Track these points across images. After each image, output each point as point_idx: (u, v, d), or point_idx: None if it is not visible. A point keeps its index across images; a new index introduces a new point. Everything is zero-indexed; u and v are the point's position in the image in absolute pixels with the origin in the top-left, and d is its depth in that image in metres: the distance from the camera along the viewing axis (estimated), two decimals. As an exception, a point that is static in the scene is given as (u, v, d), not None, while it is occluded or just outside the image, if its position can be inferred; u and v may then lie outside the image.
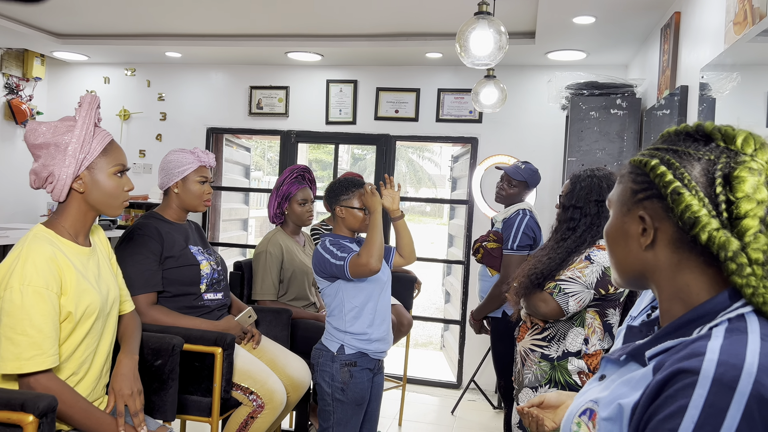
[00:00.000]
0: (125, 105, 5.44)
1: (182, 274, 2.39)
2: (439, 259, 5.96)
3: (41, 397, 1.41)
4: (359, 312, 2.35)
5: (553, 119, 4.61)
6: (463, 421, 4.20)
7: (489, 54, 2.47)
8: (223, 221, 5.59)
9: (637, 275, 0.90)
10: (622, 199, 0.90)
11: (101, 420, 1.63)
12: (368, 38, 4.47)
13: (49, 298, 1.55)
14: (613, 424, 0.79)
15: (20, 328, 1.52)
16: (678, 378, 0.72)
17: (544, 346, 2.14)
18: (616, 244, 0.92)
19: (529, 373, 2.15)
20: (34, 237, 1.62)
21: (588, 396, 0.89)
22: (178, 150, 2.51)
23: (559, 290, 2.05)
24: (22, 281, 1.53)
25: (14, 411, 1.38)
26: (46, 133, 1.63)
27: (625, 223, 0.89)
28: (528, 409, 1.52)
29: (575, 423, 0.87)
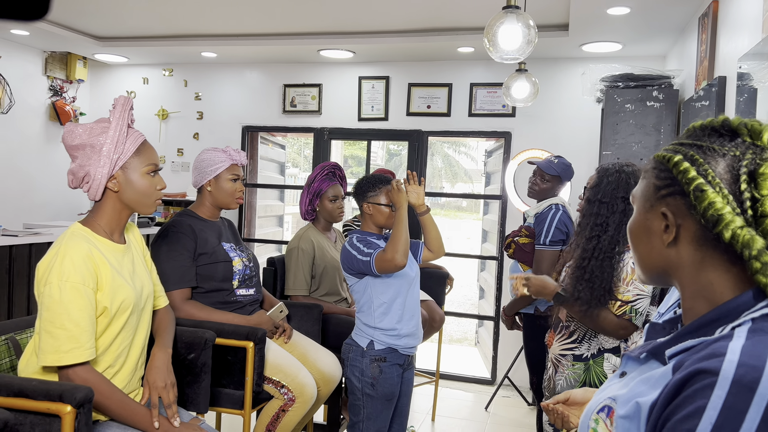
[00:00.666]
0: (163, 105, 5.56)
1: (215, 270, 2.44)
2: (472, 255, 5.94)
3: (78, 388, 1.47)
4: (388, 308, 2.36)
5: (588, 112, 4.54)
6: (496, 417, 4.19)
7: (518, 48, 2.45)
8: (259, 218, 5.68)
9: (660, 272, 0.89)
10: (646, 195, 0.89)
11: (136, 411, 1.69)
12: (400, 34, 4.48)
13: (85, 293, 1.61)
14: (631, 423, 0.79)
15: (59, 322, 1.58)
16: (697, 378, 0.71)
17: (574, 348, 2.12)
18: (639, 240, 0.91)
19: (561, 379, 2.12)
20: (71, 235, 1.68)
21: (607, 393, 0.89)
22: (211, 149, 2.57)
23: (636, 313, 2.01)
24: (60, 277, 1.59)
25: (53, 401, 1.45)
26: (83, 134, 1.69)
27: (647, 220, 0.88)
28: (553, 406, 1.51)
29: (593, 419, 0.87)
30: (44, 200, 5.36)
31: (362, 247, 2.32)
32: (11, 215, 4.96)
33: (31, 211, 5.21)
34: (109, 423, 1.71)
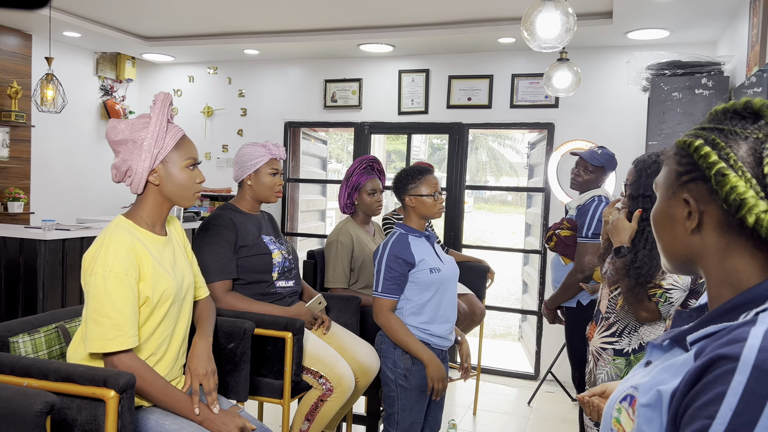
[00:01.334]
0: (208, 102, 5.69)
1: (255, 262, 2.49)
2: (514, 249, 5.87)
3: (121, 374, 1.53)
4: (419, 309, 2.36)
5: (634, 102, 4.43)
6: (539, 413, 4.14)
7: (556, 36, 2.40)
8: (301, 212, 5.75)
9: (685, 260, 0.87)
10: (668, 182, 0.87)
11: (177, 397, 1.74)
12: (439, 26, 4.45)
13: (128, 283, 1.67)
14: (653, 411, 0.77)
15: (104, 310, 1.64)
16: (717, 364, 0.70)
17: (614, 342, 2.07)
18: (663, 228, 0.89)
19: (602, 373, 2.09)
20: (114, 227, 1.74)
21: (630, 382, 0.87)
22: (251, 144, 2.61)
23: (665, 299, 1.98)
24: (104, 268, 1.66)
25: (98, 386, 1.50)
26: (125, 130, 1.75)
27: (670, 207, 0.87)
28: (589, 398, 1.49)
29: (616, 409, 0.86)
30: (96, 196, 5.56)
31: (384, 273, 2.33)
32: (66, 211, 5.17)
33: (84, 206, 5.42)
34: (152, 408, 1.77)
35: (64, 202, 5.25)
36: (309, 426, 2.41)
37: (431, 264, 2.36)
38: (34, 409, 1.33)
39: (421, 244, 2.41)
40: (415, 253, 2.35)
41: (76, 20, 4.57)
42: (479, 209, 24.43)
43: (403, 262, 2.32)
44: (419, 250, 2.37)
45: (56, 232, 3.48)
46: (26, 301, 3.48)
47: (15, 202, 4.70)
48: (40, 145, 5.03)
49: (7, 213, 4.68)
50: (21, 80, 4.81)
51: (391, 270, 2.31)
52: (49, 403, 1.36)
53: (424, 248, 2.40)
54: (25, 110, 4.81)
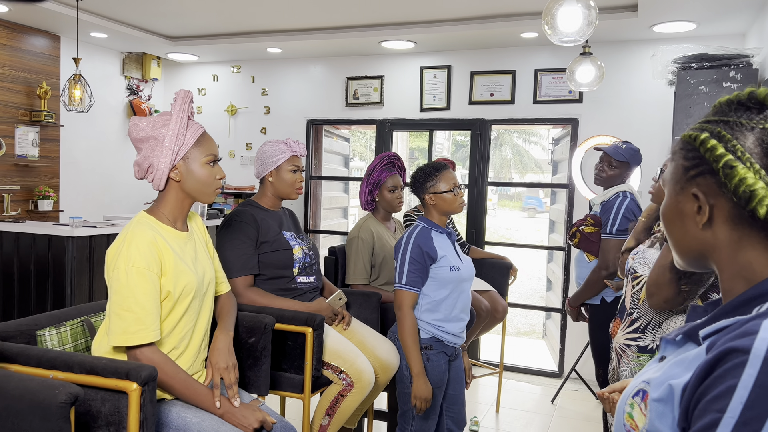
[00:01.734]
0: (232, 101, 5.75)
1: (276, 258, 2.51)
2: (538, 246, 5.82)
3: (143, 367, 1.55)
4: (435, 306, 2.36)
5: (659, 96, 4.36)
6: (563, 411, 4.10)
7: (578, 30, 2.38)
8: (324, 210, 5.78)
9: (697, 255, 0.86)
10: (675, 177, 0.86)
11: (199, 390, 1.76)
12: (461, 22, 4.43)
13: (150, 278, 1.70)
14: (665, 405, 0.76)
15: (126, 305, 1.67)
16: (728, 357, 0.69)
17: (638, 338, 2.04)
18: (673, 224, 0.88)
19: (626, 370, 2.06)
20: (137, 223, 1.77)
21: (643, 377, 0.86)
22: (272, 141, 2.63)
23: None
24: (127, 263, 1.69)
25: (120, 379, 1.53)
26: (146, 127, 1.78)
27: (679, 203, 0.86)
28: (609, 395, 1.48)
29: (628, 404, 0.85)
30: (123, 194, 5.66)
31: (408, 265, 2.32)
32: (93, 208, 5.27)
33: (111, 204, 5.52)
34: (174, 401, 1.79)
35: (92, 199, 5.35)
36: (329, 421, 2.42)
37: (452, 262, 2.36)
38: (58, 400, 1.36)
39: (443, 241, 2.40)
40: (437, 247, 2.34)
41: (103, 21, 4.65)
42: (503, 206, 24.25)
43: (426, 254, 2.32)
44: (441, 245, 2.37)
45: (83, 229, 3.56)
46: (55, 296, 3.56)
47: (45, 200, 4.81)
48: (68, 144, 5.13)
49: (37, 211, 4.79)
50: (50, 81, 4.91)
51: (415, 262, 2.31)
52: (73, 395, 1.39)
53: (445, 245, 2.40)
54: (54, 110, 4.91)
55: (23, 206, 4.77)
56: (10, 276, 3.71)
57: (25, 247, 3.64)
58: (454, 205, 2.41)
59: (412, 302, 2.32)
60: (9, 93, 4.65)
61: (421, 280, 2.33)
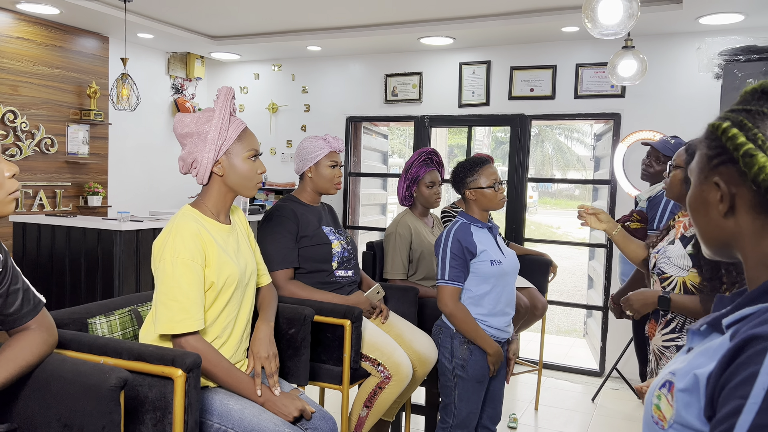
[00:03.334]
0: (273, 99, 5.84)
1: (315, 252, 2.56)
2: (578, 243, 5.74)
3: (188, 354, 1.61)
4: (478, 300, 2.36)
5: (706, 90, 4.24)
6: (604, 410, 4.05)
7: (619, 23, 2.35)
8: (362, 206, 5.82)
9: (722, 244, 0.87)
10: (700, 166, 0.87)
11: (241, 379, 1.82)
12: (501, 17, 4.41)
13: (194, 269, 1.76)
14: (690, 396, 0.77)
15: (172, 294, 1.74)
16: (751, 344, 0.69)
17: (676, 338, 2.00)
18: (698, 213, 0.89)
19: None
20: (182, 216, 1.84)
21: (670, 368, 0.87)
22: (311, 137, 2.68)
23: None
24: (173, 254, 1.75)
25: (166, 365, 1.59)
26: (190, 123, 1.84)
27: (703, 191, 0.86)
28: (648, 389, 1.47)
29: (656, 396, 0.85)
30: (168, 190, 5.82)
31: (449, 261, 2.33)
32: (140, 203, 5.44)
33: (156, 199, 5.68)
34: (217, 389, 1.85)
35: (139, 195, 5.52)
36: (368, 413, 2.46)
37: (492, 256, 2.35)
38: (109, 384, 1.43)
39: (484, 235, 2.40)
40: (477, 242, 2.35)
41: (149, 22, 4.79)
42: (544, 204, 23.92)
43: (465, 249, 2.33)
44: (481, 240, 2.37)
45: (130, 224, 3.68)
46: (104, 286, 3.70)
47: (94, 196, 4.98)
48: (116, 142, 5.31)
49: (87, 206, 4.97)
50: (99, 81, 5.09)
51: (456, 257, 2.33)
52: (123, 379, 1.45)
53: (486, 239, 2.40)
54: (103, 109, 5.08)
55: (74, 202, 4.96)
56: (62, 267, 3.87)
57: (76, 241, 3.79)
58: (494, 200, 2.40)
59: (456, 296, 2.33)
60: (61, 93, 4.83)
61: (463, 275, 2.34)
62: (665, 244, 2.09)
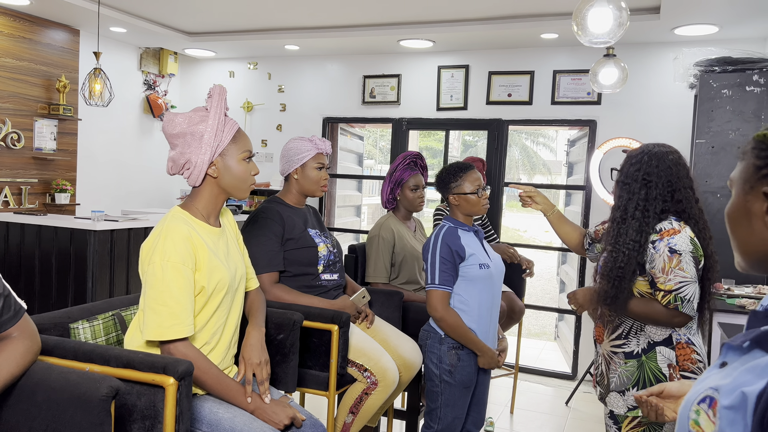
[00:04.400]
0: (248, 97, 5.75)
1: (301, 255, 2.51)
2: (554, 247, 5.81)
3: (180, 362, 1.56)
4: (466, 304, 2.35)
5: (680, 99, 4.34)
6: (577, 413, 4.10)
7: (608, 31, 2.37)
8: (338, 207, 5.78)
9: (762, 257, 0.86)
10: (745, 176, 0.86)
11: (231, 386, 1.77)
12: (481, 22, 4.42)
13: (185, 273, 1.70)
14: (736, 413, 0.76)
15: (161, 299, 1.68)
16: None
17: (623, 345, 2.00)
18: (739, 224, 0.87)
19: (614, 376, 2.03)
20: (172, 217, 1.78)
21: (708, 383, 0.86)
22: (298, 138, 2.64)
23: (682, 301, 1.91)
24: (162, 257, 1.69)
25: (157, 373, 1.54)
26: (182, 123, 1.78)
27: (748, 202, 0.85)
28: (647, 398, 1.47)
29: (694, 411, 0.84)
30: (139, 188, 5.68)
31: (438, 266, 2.32)
32: (110, 202, 5.29)
33: (127, 198, 5.54)
34: (206, 397, 1.80)
35: (108, 194, 5.37)
36: (353, 419, 2.43)
37: (481, 260, 2.35)
38: (100, 393, 1.37)
39: (471, 239, 2.40)
40: (465, 246, 2.34)
41: (122, 16, 4.66)
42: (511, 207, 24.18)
43: (455, 253, 2.32)
44: (469, 243, 2.37)
45: (105, 223, 3.57)
46: (76, 289, 3.58)
47: (62, 194, 4.83)
48: (85, 138, 5.15)
49: (54, 204, 4.81)
50: (69, 75, 4.93)
51: (445, 261, 2.31)
52: (114, 388, 1.39)
53: (473, 243, 2.40)
54: (73, 104, 4.93)
55: (40, 199, 4.80)
56: (31, 268, 3.73)
57: (47, 240, 3.66)
58: (478, 206, 2.41)
59: (446, 300, 2.32)
60: (28, 86, 4.67)
61: (452, 279, 2.33)
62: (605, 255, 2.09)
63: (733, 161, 3.47)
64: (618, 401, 2.00)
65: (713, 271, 1.99)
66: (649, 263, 1.92)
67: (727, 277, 3.26)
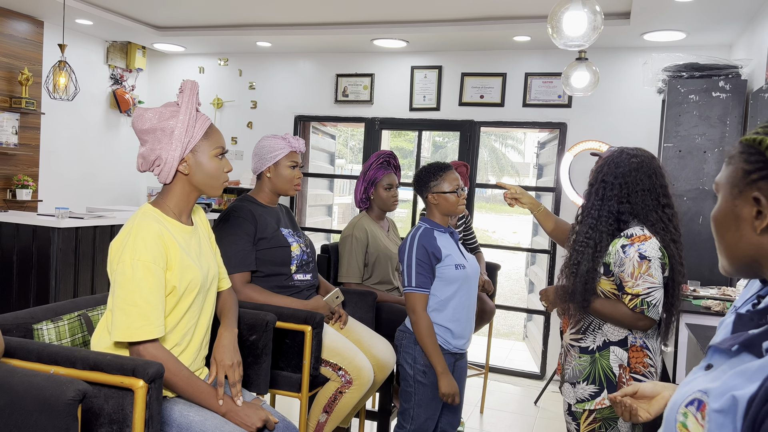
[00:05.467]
0: (218, 94, 5.67)
1: (274, 254, 2.47)
2: (523, 248, 5.86)
3: (150, 364, 1.51)
4: (443, 305, 2.35)
5: (648, 103, 4.42)
6: (546, 412, 4.14)
7: (583, 35, 2.39)
8: (309, 207, 5.74)
9: (750, 261, 0.86)
10: (733, 180, 0.86)
11: (202, 389, 1.73)
12: (454, 23, 4.44)
13: (156, 272, 1.65)
14: (726, 416, 0.76)
15: (131, 299, 1.63)
16: None
17: (580, 339, 2.04)
18: (726, 229, 0.87)
19: (569, 368, 2.07)
20: (143, 215, 1.73)
21: (695, 386, 0.86)
22: (271, 136, 2.60)
23: (648, 306, 1.94)
24: (133, 256, 1.64)
25: (126, 376, 1.49)
26: (152, 118, 1.73)
27: (736, 206, 0.85)
28: (621, 399, 1.48)
29: (681, 413, 0.84)
30: (105, 185, 5.54)
31: (415, 268, 2.31)
32: (74, 198, 5.15)
33: (92, 195, 5.40)
34: (176, 399, 1.75)
35: (72, 190, 5.23)
36: (327, 418, 2.40)
37: (457, 260, 2.35)
38: (66, 397, 1.32)
39: (446, 240, 2.40)
40: (441, 247, 2.34)
41: (89, 8, 4.54)
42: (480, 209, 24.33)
43: (431, 254, 2.31)
44: (445, 245, 2.36)
45: (70, 221, 3.47)
46: (39, 289, 3.46)
47: (23, 190, 4.68)
48: (49, 132, 5.00)
49: (15, 200, 4.66)
50: (32, 67, 4.78)
51: (421, 263, 2.31)
52: (82, 391, 1.34)
53: (449, 244, 2.40)
54: (35, 97, 4.78)
55: (0, 195, 4.64)
56: (-10, 266, 3.61)
57: (8, 237, 3.54)
58: (456, 206, 2.41)
59: (424, 303, 2.31)
60: (-11, 78, 4.51)
61: (429, 281, 2.32)
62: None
63: (699, 165, 3.55)
64: (569, 392, 2.05)
65: (682, 276, 2.04)
66: (618, 266, 1.95)
67: (692, 278, 3.33)
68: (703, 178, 3.54)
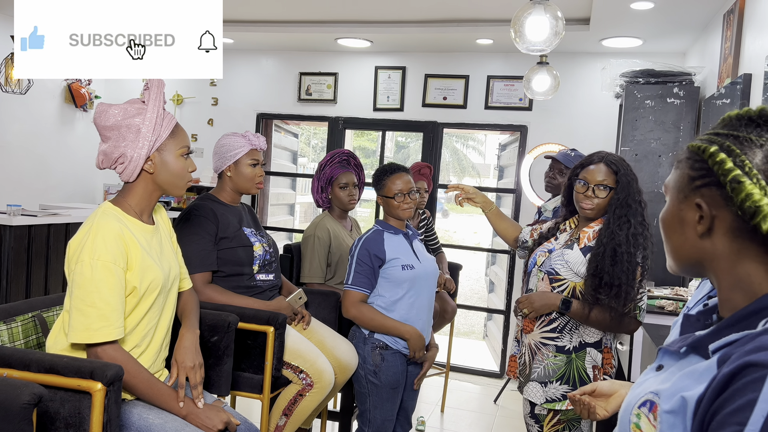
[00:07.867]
0: (178, 90, 5.57)
1: (236, 254, 2.44)
2: (484, 248, 5.94)
3: (109, 366, 1.48)
4: (391, 306, 2.36)
5: (606, 108, 4.52)
6: (506, 411, 4.20)
7: (545, 40, 2.44)
8: (271, 206, 5.69)
9: (693, 263, 0.89)
10: (679, 185, 0.88)
11: (162, 391, 1.70)
12: (418, 24, 4.46)
13: (116, 272, 1.62)
14: (676, 417, 0.78)
15: (90, 300, 1.59)
16: (746, 372, 0.71)
17: (556, 338, 2.08)
18: (672, 230, 0.90)
19: (539, 368, 2.10)
20: (103, 214, 1.69)
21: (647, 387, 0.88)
22: (231, 134, 2.56)
23: (640, 310, 2.04)
24: (92, 255, 1.60)
25: (84, 378, 1.45)
26: (117, 115, 1.69)
27: (681, 210, 0.87)
28: (580, 397, 1.52)
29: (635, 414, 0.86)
30: (58, 182, 5.38)
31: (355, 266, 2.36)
32: (27, 195, 4.97)
33: (46, 192, 5.23)
34: (135, 402, 1.72)
35: (24, 186, 5.05)
36: (286, 421, 2.39)
37: (404, 261, 2.36)
38: (21, 401, 1.28)
39: (398, 242, 2.41)
40: (387, 249, 2.35)
41: (43, -1, 4.39)
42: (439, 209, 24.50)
43: (373, 257, 2.34)
44: (393, 247, 2.37)
45: (22, 218, 3.35)
46: (-12, 288, 3.35)
47: (-28, 186, 4.51)
48: (0, 127, 4.83)
49: (-37, 196, 4.48)
50: (-18, 58, 4.61)
51: (361, 264, 2.33)
52: (37, 395, 1.31)
53: (399, 245, 2.41)
54: (-14, 90, 4.61)
55: (-53, 191, 4.46)
56: (-65, 266, 3.46)
57: (-44, 235, 3.41)
58: (396, 211, 2.42)
59: (359, 300, 2.36)
60: (-64, 69, 4.33)
61: (368, 281, 2.36)
62: (560, 247, 2.17)
63: (654, 169, 3.66)
64: (537, 391, 2.07)
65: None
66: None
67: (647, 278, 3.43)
68: (657, 182, 3.65)
